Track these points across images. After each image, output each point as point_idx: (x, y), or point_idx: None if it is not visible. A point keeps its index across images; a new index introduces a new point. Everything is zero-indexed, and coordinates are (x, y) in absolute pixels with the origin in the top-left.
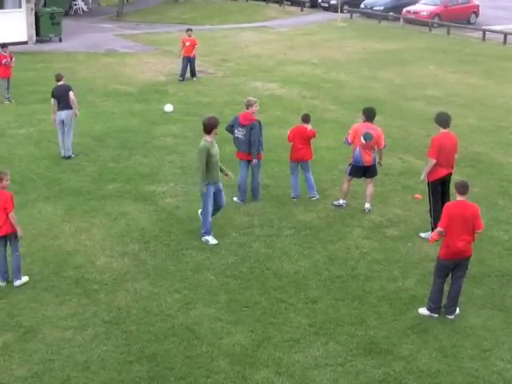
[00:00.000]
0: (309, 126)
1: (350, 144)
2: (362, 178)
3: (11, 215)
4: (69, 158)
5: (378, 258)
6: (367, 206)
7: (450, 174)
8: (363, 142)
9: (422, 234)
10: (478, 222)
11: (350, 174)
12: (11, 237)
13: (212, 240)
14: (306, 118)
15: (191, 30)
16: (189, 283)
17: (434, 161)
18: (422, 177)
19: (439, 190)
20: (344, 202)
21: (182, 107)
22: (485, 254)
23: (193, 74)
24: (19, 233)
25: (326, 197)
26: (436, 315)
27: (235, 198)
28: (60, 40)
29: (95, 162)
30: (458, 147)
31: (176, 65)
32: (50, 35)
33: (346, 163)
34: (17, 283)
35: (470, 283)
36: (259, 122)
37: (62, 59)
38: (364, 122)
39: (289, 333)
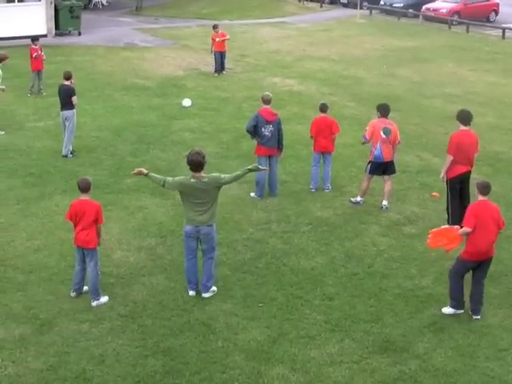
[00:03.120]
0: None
1: (367, 141)
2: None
3: (99, 226)
4: (65, 157)
5: (394, 256)
6: (385, 203)
7: (469, 171)
8: (383, 136)
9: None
10: (501, 221)
11: (370, 172)
12: (92, 251)
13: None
14: (322, 107)
15: (217, 26)
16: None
17: (451, 157)
18: (442, 174)
19: (457, 188)
20: (362, 199)
21: (200, 102)
22: (502, 253)
23: (222, 67)
24: (103, 243)
25: (344, 193)
26: (461, 311)
27: (252, 194)
28: (79, 34)
29: (113, 155)
30: (478, 146)
31: (194, 59)
32: (69, 29)
33: (364, 160)
34: (94, 304)
35: (486, 282)
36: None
37: (81, 53)
38: (379, 117)
39: (304, 329)
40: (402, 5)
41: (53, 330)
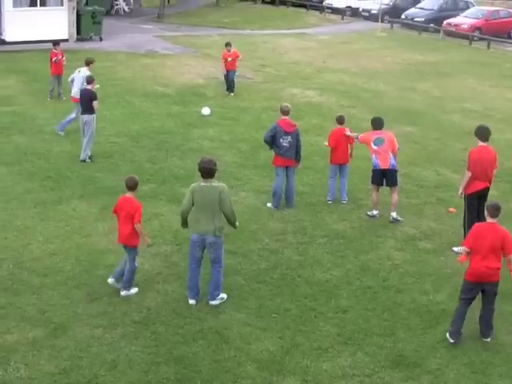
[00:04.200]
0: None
1: (360, 141)
2: (386, 187)
3: (137, 226)
4: (83, 161)
5: (410, 271)
6: (393, 214)
7: (488, 188)
8: (374, 147)
9: (455, 249)
10: (509, 246)
11: (372, 182)
12: (131, 248)
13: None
14: (340, 119)
15: (230, 44)
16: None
17: (470, 173)
18: (460, 190)
19: (475, 204)
20: (377, 212)
21: (219, 111)
22: None
23: (230, 87)
24: (147, 242)
25: (361, 206)
26: (452, 341)
27: (269, 204)
28: (100, 39)
29: (131, 161)
30: (497, 162)
31: (215, 68)
32: (91, 34)
33: None
34: (123, 293)
35: (500, 300)
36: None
37: (102, 58)
38: (373, 130)
39: (317, 341)
40: (423, 19)
41: (66, 334)
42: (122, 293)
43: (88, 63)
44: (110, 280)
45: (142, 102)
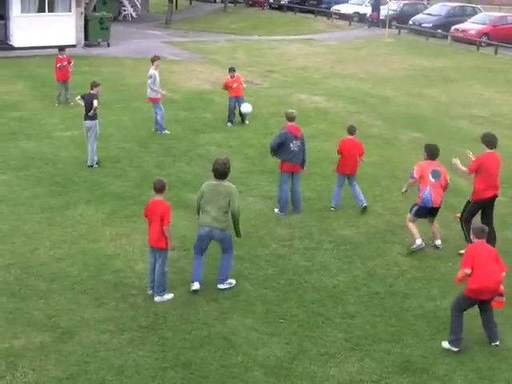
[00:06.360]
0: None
1: (415, 179)
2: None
3: (166, 228)
4: (91, 167)
5: (417, 276)
6: (439, 242)
7: (496, 196)
8: (432, 180)
9: (462, 251)
10: (501, 263)
11: (415, 215)
12: (161, 251)
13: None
14: (351, 130)
15: (234, 69)
16: (227, 292)
17: (468, 171)
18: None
19: (477, 211)
20: (420, 240)
21: (226, 116)
22: None
23: (243, 117)
24: (171, 245)
25: (368, 212)
26: (456, 349)
27: (276, 210)
28: (108, 45)
29: (139, 167)
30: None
31: (222, 74)
32: (99, 40)
33: (389, 180)
34: (157, 299)
35: (509, 305)
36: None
37: (110, 64)
38: (426, 159)
39: (325, 347)
40: (430, 25)
41: (73, 339)
42: (156, 298)
43: (152, 61)
44: (150, 292)
45: (149, 108)
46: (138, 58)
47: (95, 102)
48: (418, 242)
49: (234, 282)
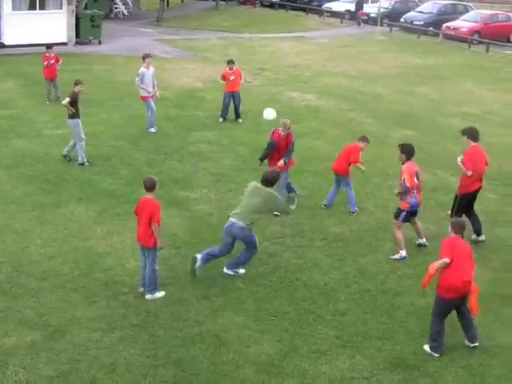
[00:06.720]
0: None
1: (410, 189)
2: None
3: (155, 226)
4: (81, 165)
5: (408, 274)
6: (423, 240)
7: (481, 188)
8: (416, 181)
9: None
10: (472, 260)
11: (404, 221)
12: (149, 249)
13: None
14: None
15: (233, 62)
16: (218, 290)
17: (470, 172)
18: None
19: (466, 204)
20: (405, 252)
21: (218, 114)
22: None
23: (237, 114)
24: (159, 244)
25: (359, 210)
26: (437, 355)
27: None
28: (99, 42)
29: (130, 165)
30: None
31: (213, 71)
32: (90, 37)
33: (380, 177)
34: (148, 297)
35: (499, 302)
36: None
37: (101, 62)
38: (406, 160)
39: (316, 344)
40: (422, 23)
41: (64, 338)
42: (147, 296)
43: (143, 58)
44: (141, 289)
45: (140, 105)
46: (129, 56)
47: (65, 100)
48: (404, 253)
49: (242, 271)
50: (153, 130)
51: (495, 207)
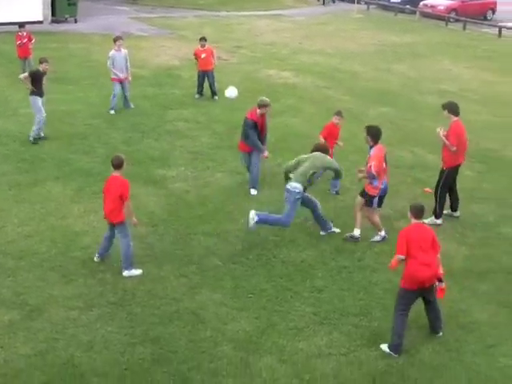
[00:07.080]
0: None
1: (380, 174)
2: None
3: (126, 203)
4: (33, 142)
5: (385, 250)
6: (383, 233)
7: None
8: (384, 166)
9: (426, 221)
10: (436, 244)
11: (379, 206)
12: (118, 225)
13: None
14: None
15: (205, 39)
16: (195, 268)
17: (455, 147)
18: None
19: (453, 178)
20: (384, 231)
21: (194, 91)
22: (492, 250)
23: (213, 92)
24: (134, 220)
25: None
26: (396, 355)
27: (254, 192)
28: (75, 21)
29: (106, 144)
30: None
31: (190, 50)
32: (66, 16)
33: (357, 154)
34: (125, 273)
35: (475, 278)
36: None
37: (77, 40)
38: (374, 145)
39: (293, 321)
40: (399, 0)
41: (42, 316)
42: (124, 273)
43: (114, 41)
44: (96, 258)
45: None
46: (105, 34)
47: (22, 75)
48: (383, 233)
49: (254, 221)
50: (112, 112)
51: (471, 184)
